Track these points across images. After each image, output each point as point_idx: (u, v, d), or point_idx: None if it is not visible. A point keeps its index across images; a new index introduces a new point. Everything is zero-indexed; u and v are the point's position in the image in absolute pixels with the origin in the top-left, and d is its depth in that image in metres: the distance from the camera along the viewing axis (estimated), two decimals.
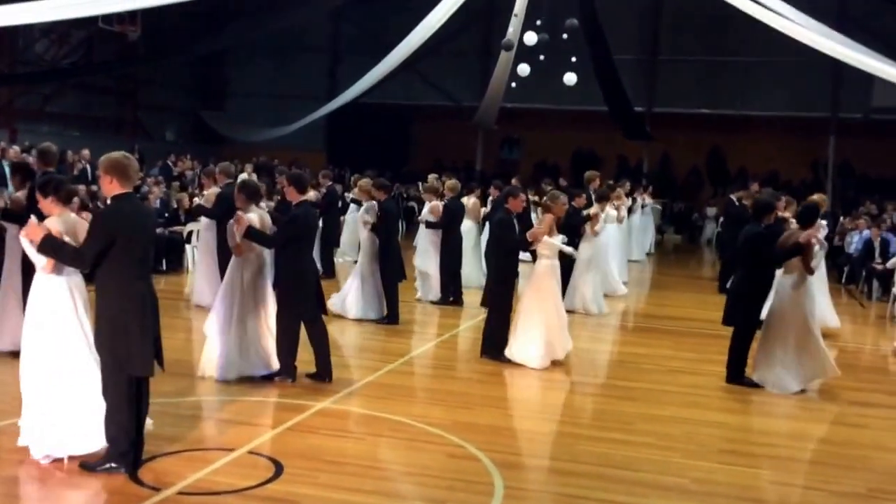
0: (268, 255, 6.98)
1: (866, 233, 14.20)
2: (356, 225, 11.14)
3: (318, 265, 11.86)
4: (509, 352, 7.74)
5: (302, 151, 23.19)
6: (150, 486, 4.57)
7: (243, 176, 17.75)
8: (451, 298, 10.81)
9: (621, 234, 13.47)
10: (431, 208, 10.93)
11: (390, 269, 9.36)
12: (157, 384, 6.51)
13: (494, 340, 7.85)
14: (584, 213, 10.70)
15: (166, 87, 23.30)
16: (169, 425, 5.58)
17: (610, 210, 11.61)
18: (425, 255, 10.94)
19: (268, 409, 6.12)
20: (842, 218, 17.47)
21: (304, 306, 6.66)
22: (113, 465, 4.67)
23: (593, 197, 11.56)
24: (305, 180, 7.05)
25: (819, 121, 22.07)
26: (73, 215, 5.04)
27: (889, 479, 5.37)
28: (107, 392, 4.64)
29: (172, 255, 12.47)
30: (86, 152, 15.59)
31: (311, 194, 13.01)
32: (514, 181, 13.70)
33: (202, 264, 9.86)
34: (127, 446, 4.66)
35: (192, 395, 6.31)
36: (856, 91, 20.56)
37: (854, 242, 14.51)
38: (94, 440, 4.75)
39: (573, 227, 10.51)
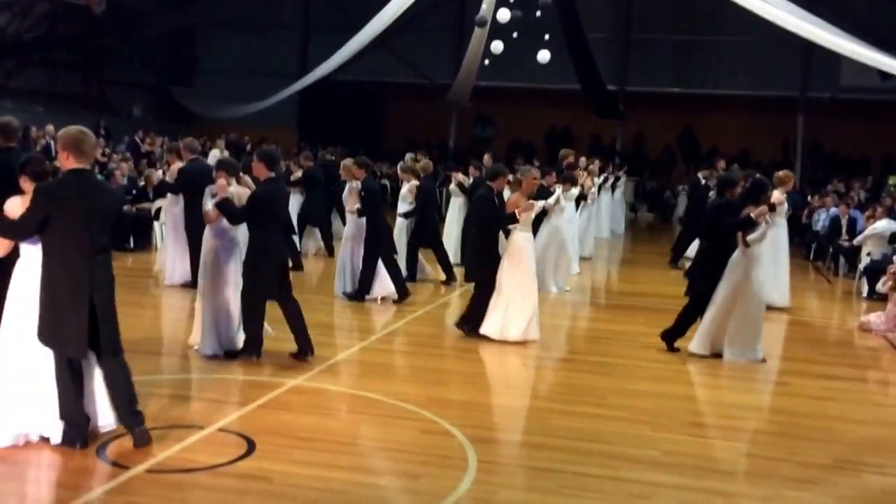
0: (241, 232, 6.89)
1: (833, 210, 14.43)
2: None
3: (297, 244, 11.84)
4: (488, 328, 7.70)
5: (273, 128, 22.91)
6: (118, 464, 4.52)
7: (214, 152, 17.49)
8: (409, 275, 10.73)
9: (587, 213, 13.40)
10: (410, 188, 10.85)
11: (383, 247, 9.25)
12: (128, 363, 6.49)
13: (472, 315, 7.86)
14: (551, 189, 10.66)
15: (133, 63, 22.87)
16: (138, 403, 5.52)
17: (572, 189, 11.31)
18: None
19: (239, 386, 6.07)
20: (809, 196, 17.72)
21: (266, 283, 6.57)
22: (67, 441, 4.64)
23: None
24: (275, 157, 6.94)
25: (788, 100, 22.32)
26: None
27: (854, 450, 5.48)
28: (56, 372, 4.60)
29: (141, 233, 12.28)
30: (50, 128, 15.27)
31: (295, 174, 12.92)
32: (486, 158, 13.68)
33: (171, 242, 9.73)
34: (76, 424, 4.62)
35: (161, 373, 6.24)
36: (824, 70, 20.81)
37: (821, 220, 14.73)
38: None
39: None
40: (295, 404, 5.72)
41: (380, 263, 9.28)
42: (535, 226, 10.40)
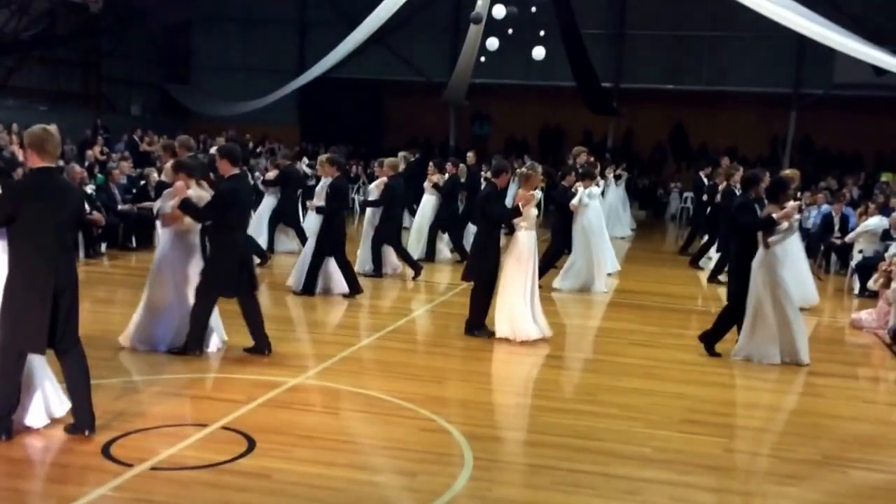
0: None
1: (825, 207, 14.52)
2: None
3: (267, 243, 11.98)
4: (500, 328, 7.79)
5: (274, 126, 22.97)
6: (122, 461, 4.62)
7: (214, 150, 17.50)
8: (374, 270, 10.87)
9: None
10: (377, 184, 10.97)
11: (335, 246, 9.33)
12: (127, 361, 6.60)
13: (474, 316, 7.96)
14: (573, 190, 10.59)
15: (131, 60, 22.86)
16: (141, 402, 5.64)
17: (594, 188, 11.07)
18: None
19: (241, 385, 6.17)
20: (800, 193, 17.80)
21: (222, 281, 6.60)
22: None
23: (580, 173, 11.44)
24: (238, 153, 6.96)
25: (781, 96, 22.36)
26: None
27: (843, 446, 5.58)
28: (0, 363, 4.70)
29: (142, 232, 12.35)
30: (54, 127, 15.26)
31: (271, 174, 13.04)
32: (469, 156, 13.83)
33: None
34: (3, 414, 4.73)
35: (163, 372, 6.33)
36: (818, 66, 20.85)
37: (812, 217, 14.86)
38: (39, 414, 4.89)
39: (563, 207, 10.56)
40: (294, 403, 5.83)
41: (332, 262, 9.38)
42: (567, 231, 10.53)
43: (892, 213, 12.22)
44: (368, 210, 11.07)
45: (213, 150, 15.67)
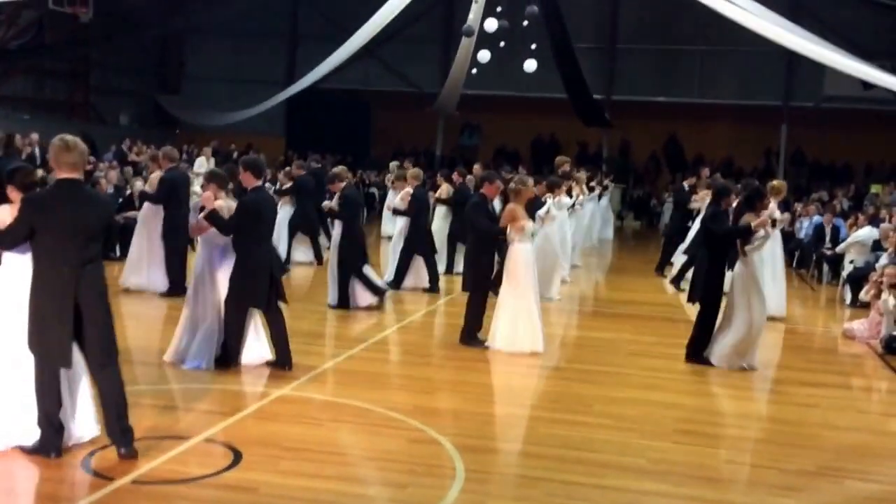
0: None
1: (817, 218, 14.56)
2: None
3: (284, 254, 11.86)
4: (494, 341, 7.70)
5: (261, 136, 22.89)
6: (103, 475, 4.49)
7: (200, 160, 17.42)
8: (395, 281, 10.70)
9: (577, 220, 13.40)
10: (402, 196, 10.87)
11: (353, 255, 9.27)
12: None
13: (467, 325, 7.87)
14: (542, 199, 10.67)
15: (120, 71, 22.80)
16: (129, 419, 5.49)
17: (563, 198, 11.08)
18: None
19: (225, 396, 6.05)
20: (793, 204, 17.87)
21: (250, 294, 6.56)
22: (41, 449, 4.62)
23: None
24: (261, 165, 6.98)
25: (772, 109, 22.51)
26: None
27: (837, 456, 5.53)
28: (35, 379, 4.59)
29: (126, 242, 12.19)
30: (34, 136, 15.19)
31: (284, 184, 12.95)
32: (476, 168, 13.73)
33: (145, 251, 9.61)
34: (50, 432, 4.60)
35: (145, 383, 6.20)
36: (808, 80, 21.03)
37: (804, 228, 14.88)
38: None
39: (531, 216, 10.49)
40: (281, 414, 5.71)
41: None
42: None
43: (882, 223, 12.24)
44: (399, 222, 10.93)
45: (199, 161, 15.58)
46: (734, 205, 8.06)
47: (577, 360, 8.09)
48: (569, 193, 11.73)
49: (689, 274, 13.01)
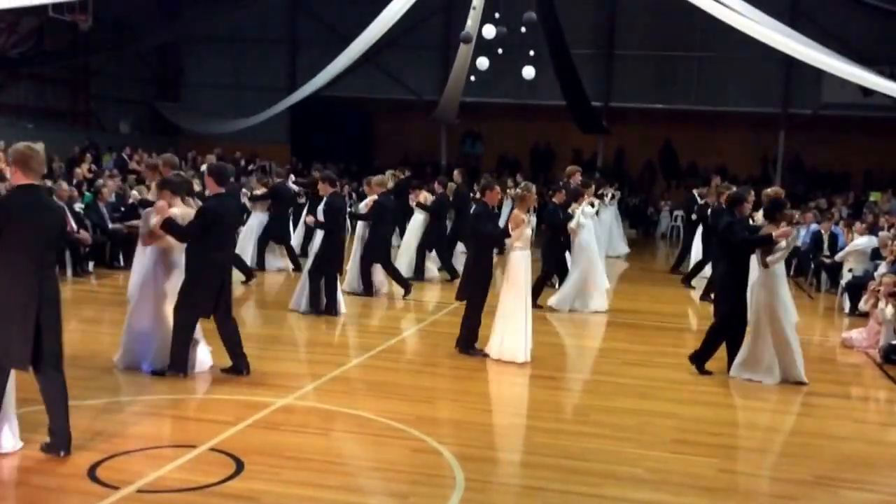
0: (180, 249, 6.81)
1: (814, 226, 14.57)
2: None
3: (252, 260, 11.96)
4: (493, 349, 7.75)
5: (265, 144, 22.94)
6: (108, 484, 4.54)
7: (204, 168, 17.39)
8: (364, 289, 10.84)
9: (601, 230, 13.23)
10: (367, 202, 10.94)
11: (329, 262, 9.32)
12: (114, 381, 6.52)
13: (465, 334, 7.92)
14: (570, 210, 10.45)
15: (120, 78, 22.84)
16: (127, 423, 5.56)
17: (587, 207, 10.74)
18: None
19: (229, 405, 6.10)
20: (797, 213, 17.86)
21: (201, 301, 6.53)
22: None
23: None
24: (225, 172, 6.95)
25: (770, 116, 22.54)
26: None
27: (835, 466, 5.56)
28: None
29: (130, 251, 12.24)
30: (40, 145, 15.19)
31: (259, 190, 13.04)
32: (455, 174, 13.86)
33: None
34: None
35: (150, 392, 6.26)
36: (806, 87, 21.07)
37: (802, 236, 14.92)
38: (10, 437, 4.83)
39: (558, 227, 10.47)
40: (284, 423, 5.76)
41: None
42: (556, 250, 10.52)
43: (881, 232, 12.27)
44: (359, 228, 11.05)
45: (203, 168, 15.54)
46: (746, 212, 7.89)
47: (575, 369, 8.15)
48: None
49: (696, 271, 13.15)
